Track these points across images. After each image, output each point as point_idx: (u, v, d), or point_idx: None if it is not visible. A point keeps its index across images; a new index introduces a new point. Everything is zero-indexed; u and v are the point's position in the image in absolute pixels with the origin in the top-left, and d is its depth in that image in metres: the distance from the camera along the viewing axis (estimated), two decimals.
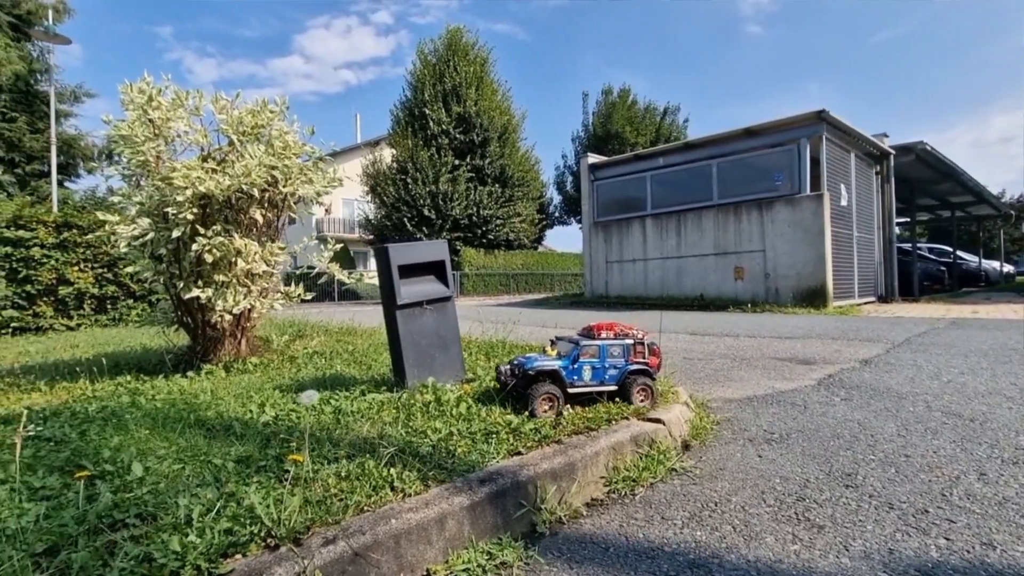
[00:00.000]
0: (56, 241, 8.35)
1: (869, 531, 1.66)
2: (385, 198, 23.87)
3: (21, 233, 8.02)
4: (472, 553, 1.57)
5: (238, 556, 1.33)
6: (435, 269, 3.03)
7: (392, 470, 1.76)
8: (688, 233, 12.42)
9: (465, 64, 25.06)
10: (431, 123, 24.15)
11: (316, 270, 5.08)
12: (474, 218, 25.10)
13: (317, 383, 3.29)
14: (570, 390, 2.56)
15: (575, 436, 2.20)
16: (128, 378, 4.17)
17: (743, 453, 2.40)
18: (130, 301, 9.07)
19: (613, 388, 2.63)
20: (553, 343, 2.80)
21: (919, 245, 20.03)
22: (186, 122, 4.18)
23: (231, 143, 4.20)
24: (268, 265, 4.24)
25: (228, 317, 4.19)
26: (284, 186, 4.34)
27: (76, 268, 8.51)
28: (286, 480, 1.69)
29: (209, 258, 4.00)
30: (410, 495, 1.65)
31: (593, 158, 14.97)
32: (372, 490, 1.65)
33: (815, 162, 10.92)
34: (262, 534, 1.40)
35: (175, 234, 3.90)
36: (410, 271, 2.92)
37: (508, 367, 2.67)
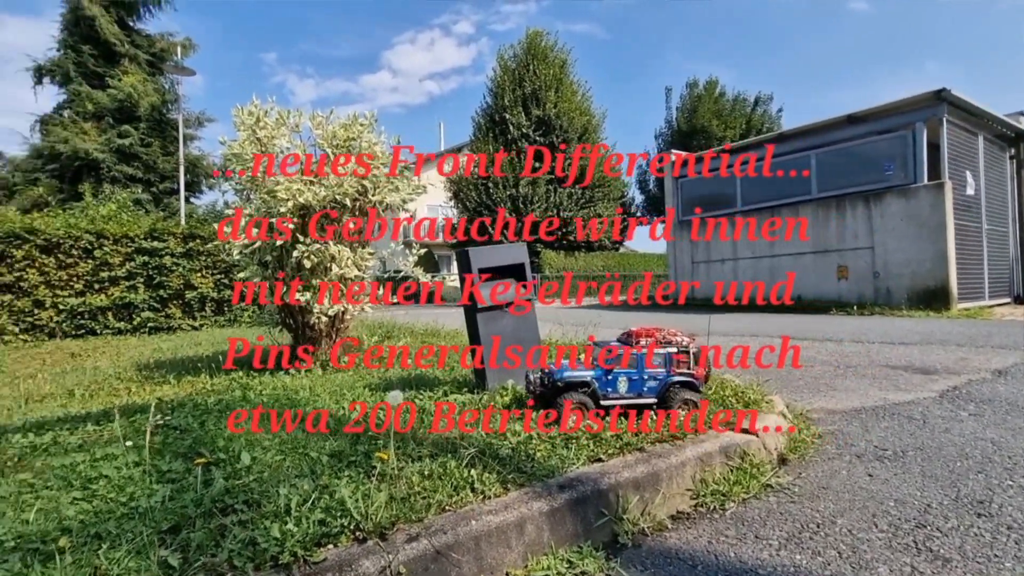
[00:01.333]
0: (183, 250, 9.42)
1: (1008, 569, 1.44)
2: (467, 203, 24.50)
3: (156, 244, 9.14)
4: (551, 560, 1.55)
5: (330, 546, 1.41)
6: (515, 272, 3.05)
7: (472, 471, 1.79)
8: (782, 230, 11.59)
9: (544, 67, 25.16)
10: (511, 127, 24.46)
11: (402, 274, 5.30)
12: (554, 220, 25.08)
13: (403, 383, 3.43)
14: (603, 402, 2.39)
15: (659, 444, 2.11)
16: (240, 374, 4.59)
17: (850, 471, 2.18)
18: (243, 304, 10.00)
19: (652, 401, 2.43)
20: (594, 348, 2.67)
21: None
22: (287, 139, 4.54)
23: (326, 156, 4.50)
24: (359, 270, 4.48)
25: (324, 319, 4.49)
26: (373, 195, 4.58)
27: (199, 274, 9.54)
28: (373, 476, 1.77)
29: (308, 264, 4.31)
30: (490, 497, 1.67)
31: (676, 155, 14.42)
32: (453, 490, 1.68)
33: (933, 148, 9.76)
34: (351, 527, 1.47)
35: (279, 242, 4.24)
36: (490, 274, 2.96)
37: (537, 376, 2.52)
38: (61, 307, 8.55)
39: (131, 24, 22.06)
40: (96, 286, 8.82)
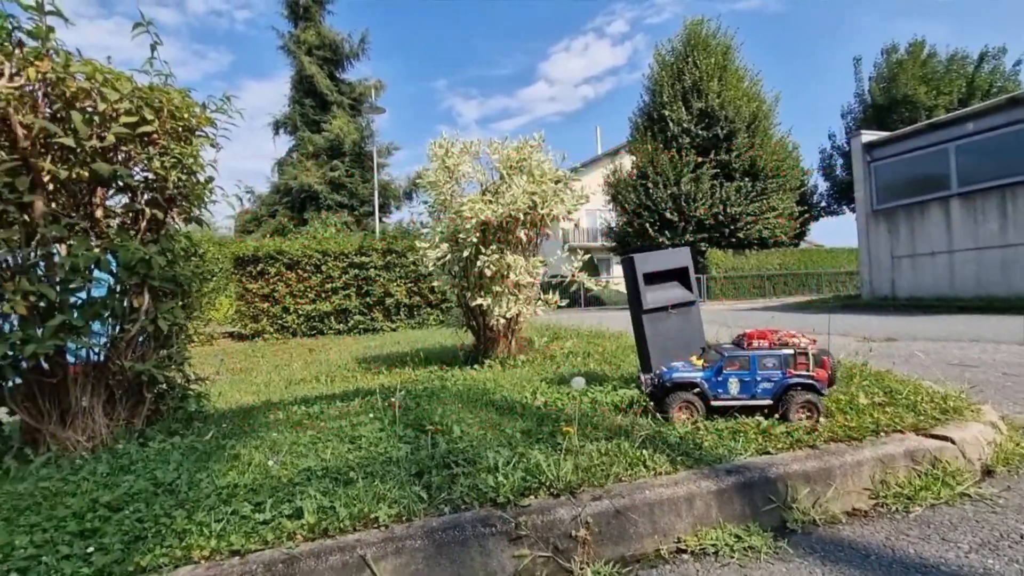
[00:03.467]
0: (383, 263, 11.16)
1: None
2: (626, 205, 24.29)
3: (363, 258, 10.99)
4: (719, 532, 1.74)
5: (532, 497, 1.79)
6: (679, 275, 3.21)
7: (644, 452, 2.05)
8: (1019, 214, 9.47)
9: (705, 56, 23.86)
10: (670, 124, 23.66)
11: (567, 279, 5.71)
12: (720, 217, 23.56)
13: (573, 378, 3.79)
14: (713, 403, 2.42)
15: (833, 443, 2.12)
16: (435, 367, 5.42)
17: None
18: (428, 308, 11.46)
19: (767, 403, 2.40)
20: (704, 351, 2.66)
21: None
22: (470, 165, 5.26)
23: (501, 176, 5.10)
24: (531, 276, 4.99)
25: (502, 321, 5.09)
26: (541, 208, 5.06)
27: (395, 283, 11.19)
28: (559, 450, 2.13)
29: (488, 272, 4.94)
30: (661, 474, 1.91)
31: (868, 135, 12.64)
32: (628, 465, 1.96)
33: None
34: (546, 484, 1.84)
35: (464, 254, 4.94)
36: (655, 278, 3.16)
37: (650, 376, 2.63)
38: (300, 312, 10.78)
39: (337, 75, 26.44)
40: (323, 295, 10.93)
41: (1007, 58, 25.09)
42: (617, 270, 32.96)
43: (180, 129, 2.97)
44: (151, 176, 2.89)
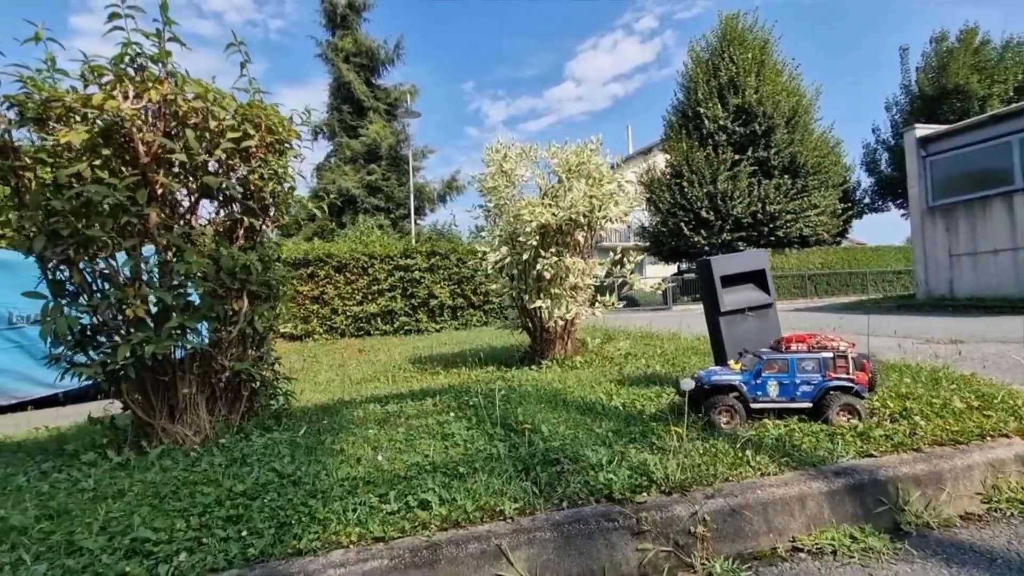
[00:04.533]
0: (427, 265, 11.37)
1: None
2: (660, 204, 24.02)
3: (408, 261, 11.22)
4: (834, 533, 1.76)
5: (644, 494, 1.85)
6: (755, 277, 3.22)
7: (747, 452, 2.08)
8: None
9: (742, 51, 23.40)
10: (706, 121, 23.30)
11: (617, 280, 5.74)
12: (759, 215, 23.05)
13: (643, 380, 3.82)
14: (753, 405, 2.47)
15: (937, 447, 2.12)
16: (491, 368, 5.52)
17: None
18: (471, 310, 11.62)
19: (807, 405, 2.43)
20: (741, 355, 2.69)
21: None
22: (527, 168, 5.34)
23: (560, 180, 5.17)
24: (591, 279, 5.04)
25: (561, 322, 5.15)
26: (599, 211, 5.11)
27: (439, 285, 11.38)
28: (655, 449, 2.19)
29: (547, 275, 5.01)
30: (768, 475, 1.94)
31: (923, 129, 12.20)
32: (732, 465, 2.00)
33: None
34: (656, 482, 1.90)
35: (524, 257, 5.03)
36: (731, 280, 3.18)
37: (691, 379, 2.60)
38: (348, 313, 11.08)
39: (373, 81, 26.98)
40: (370, 297, 11.20)
41: None
42: (651, 271, 32.58)
43: (275, 142, 3.14)
44: (252, 188, 3.07)
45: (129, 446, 2.95)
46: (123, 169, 2.75)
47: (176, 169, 2.88)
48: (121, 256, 2.82)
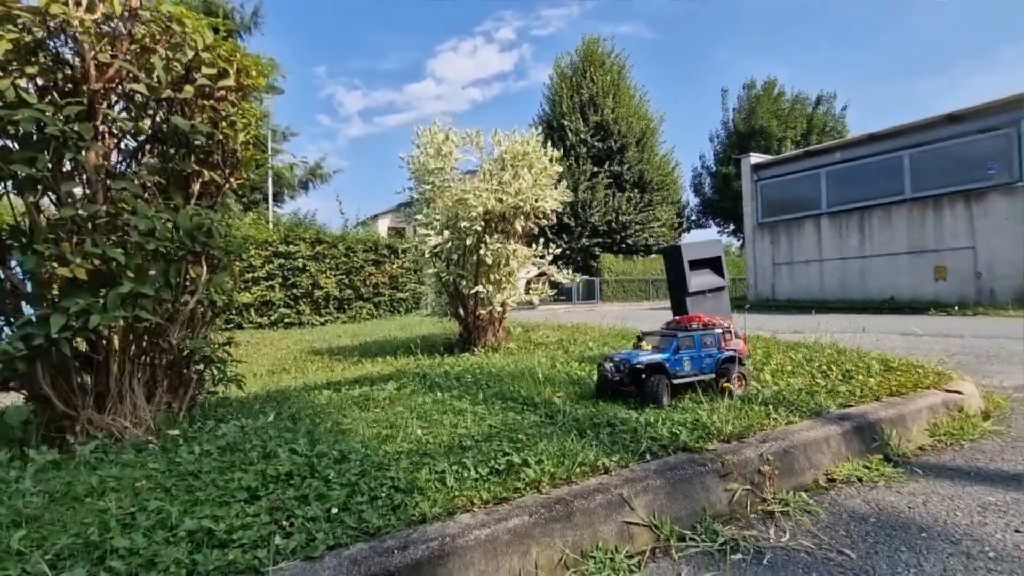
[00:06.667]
0: (311, 253, 10.49)
1: None
2: None
3: (290, 248, 10.23)
4: (853, 465, 2.10)
5: (712, 442, 2.00)
6: (712, 263, 3.62)
7: (768, 407, 2.37)
8: (874, 231, 11.64)
9: (601, 73, 25.66)
10: (569, 133, 25.03)
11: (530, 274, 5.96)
12: (613, 224, 25.45)
13: (595, 359, 4.04)
14: (675, 380, 2.57)
15: (889, 397, 2.62)
16: (422, 357, 5.33)
17: None
18: (360, 302, 10.99)
19: (712, 375, 2.69)
20: (640, 339, 2.86)
21: None
22: (472, 153, 5.29)
23: (503, 167, 5.20)
24: (535, 266, 5.16)
25: (499, 309, 5.18)
26: (539, 201, 5.26)
27: (324, 275, 10.57)
28: (681, 411, 2.37)
29: (489, 260, 5.01)
30: (793, 422, 2.24)
31: (756, 157, 14.62)
32: (763, 417, 2.26)
33: None
34: (714, 433, 2.07)
35: (468, 242, 4.97)
36: (695, 265, 3.54)
37: (612, 364, 2.67)
38: None
39: None
40: (242, 285, 9.97)
41: (837, 102, 30.30)
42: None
43: (250, 87, 2.72)
44: (220, 137, 2.61)
45: (40, 443, 2.31)
46: (59, 97, 2.16)
47: (131, 104, 2.34)
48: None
